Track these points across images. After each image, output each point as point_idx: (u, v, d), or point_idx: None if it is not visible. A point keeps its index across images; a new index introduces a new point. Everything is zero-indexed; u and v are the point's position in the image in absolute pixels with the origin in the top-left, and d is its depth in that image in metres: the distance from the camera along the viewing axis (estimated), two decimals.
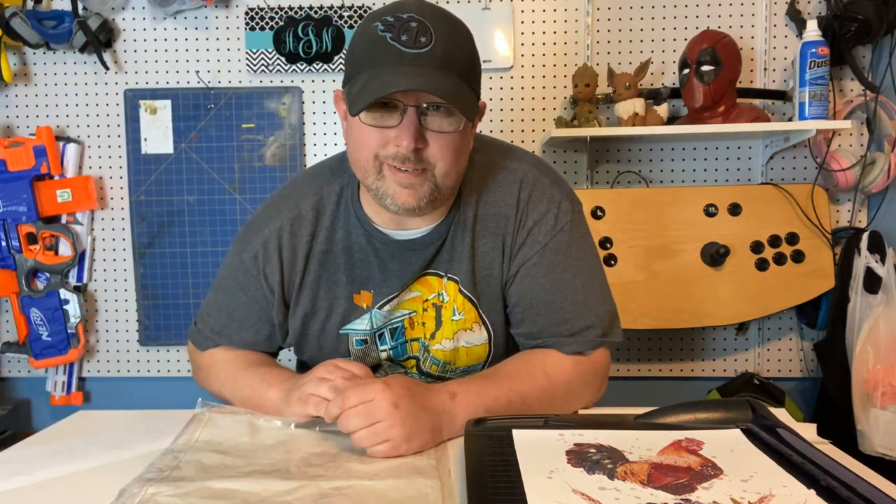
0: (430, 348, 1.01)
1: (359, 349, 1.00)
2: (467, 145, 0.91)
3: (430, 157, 0.85)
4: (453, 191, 0.94)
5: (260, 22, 1.91)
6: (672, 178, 1.93)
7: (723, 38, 1.71)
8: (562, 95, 1.93)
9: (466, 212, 0.97)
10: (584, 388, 0.96)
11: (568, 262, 0.97)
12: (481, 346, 1.01)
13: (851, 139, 1.89)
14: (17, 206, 1.86)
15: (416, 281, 0.98)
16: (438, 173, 0.86)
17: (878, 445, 1.61)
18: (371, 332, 0.99)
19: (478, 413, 0.84)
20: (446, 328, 0.99)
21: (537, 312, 0.97)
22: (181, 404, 0.96)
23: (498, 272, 0.98)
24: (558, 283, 0.96)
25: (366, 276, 0.97)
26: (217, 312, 1.04)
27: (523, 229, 0.97)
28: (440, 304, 0.99)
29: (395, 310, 0.99)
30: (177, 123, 1.93)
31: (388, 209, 0.90)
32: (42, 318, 1.91)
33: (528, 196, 0.97)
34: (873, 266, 1.70)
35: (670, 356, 1.96)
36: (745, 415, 0.79)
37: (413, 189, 0.86)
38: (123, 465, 0.76)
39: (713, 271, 1.78)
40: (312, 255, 0.97)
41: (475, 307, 0.99)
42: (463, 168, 0.91)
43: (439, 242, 0.97)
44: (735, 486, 0.63)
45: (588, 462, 0.68)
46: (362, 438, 0.77)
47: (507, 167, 0.98)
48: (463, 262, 0.97)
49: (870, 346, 1.66)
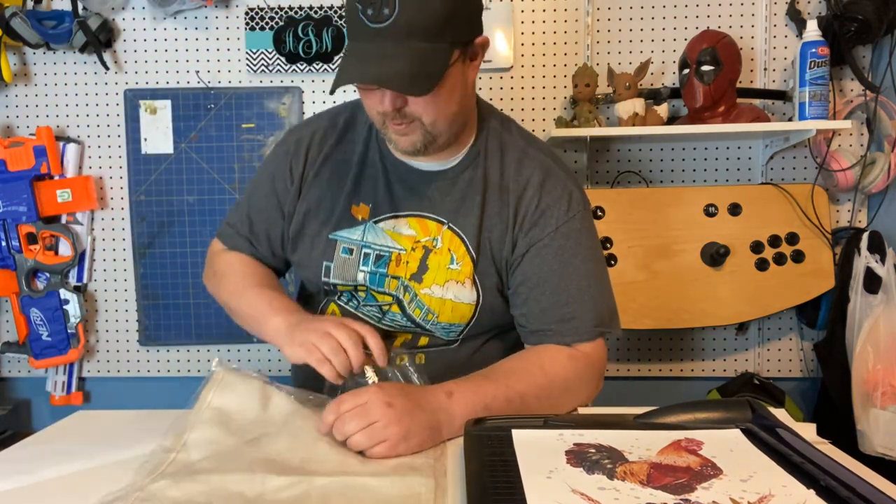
0: (418, 292, 1.01)
1: (343, 257, 1.03)
2: (458, 90, 0.94)
3: (413, 112, 0.92)
4: (455, 129, 0.98)
5: (260, 22, 1.91)
6: (672, 178, 1.93)
7: (723, 38, 1.71)
8: (562, 95, 1.93)
9: (480, 172, 1.02)
10: (581, 383, 0.97)
11: (577, 248, 1.00)
12: (468, 305, 1.02)
13: (851, 139, 1.89)
14: (17, 206, 1.86)
15: (415, 217, 1.02)
16: (426, 122, 0.93)
17: (878, 445, 1.61)
18: (359, 243, 1.02)
19: (476, 411, 0.85)
20: (439, 274, 1.01)
21: (542, 292, 0.99)
22: (181, 404, 0.96)
23: (498, 242, 1.01)
24: (566, 266, 0.99)
25: (369, 191, 1.03)
26: (244, 203, 1.14)
27: (537, 210, 1.00)
28: (431, 247, 1.01)
29: (387, 233, 1.02)
30: (177, 123, 1.93)
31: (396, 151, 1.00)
32: (42, 318, 1.91)
33: (542, 180, 1.01)
34: (873, 266, 1.70)
35: (670, 356, 1.96)
36: (745, 415, 0.79)
37: (407, 136, 0.94)
38: (123, 465, 0.76)
39: (713, 271, 1.78)
40: (331, 158, 1.06)
41: (473, 265, 1.01)
42: (455, 114, 0.95)
43: (445, 184, 1.02)
44: (734, 486, 0.63)
45: (587, 462, 0.68)
46: (359, 441, 0.78)
47: (527, 152, 1.04)
48: (469, 218, 1.00)
49: (870, 346, 1.66)
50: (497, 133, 1.05)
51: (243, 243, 1.12)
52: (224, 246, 1.15)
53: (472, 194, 1.01)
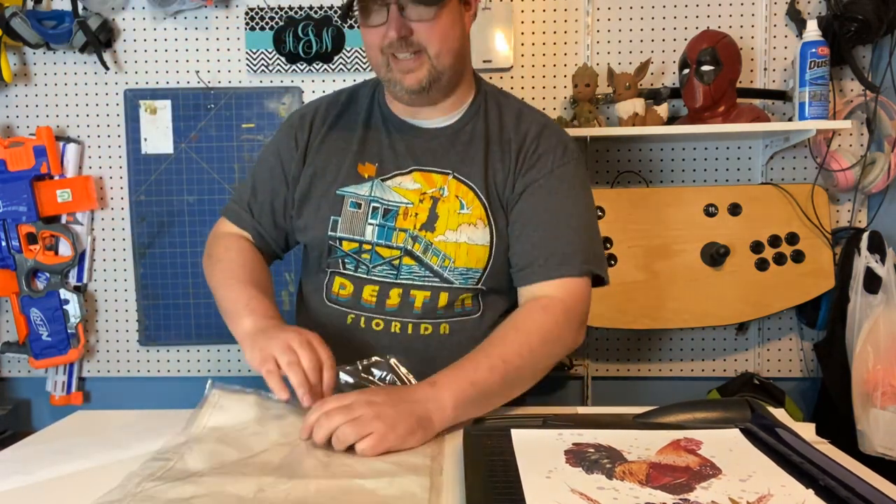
0: (432, 240, 1.04)
1: (351, 211, 1.06)
2: (458, 27, 1.02)
3: (419, 42, 0.98)
4: (456, 70, 1.04)
5: (260, 22, 1.91)
6: (672, 178, 1.93)
7: (723, 38, 1.71)
8: (562, 95, 1.93)
9: (480, 126, 1.08)
10: (559, 330, 0.98)
11: (570, 192, 1.05)
12: (482, 247, 1.04)
13: (851, 139, 1.89)
14: (17, 206, 1.86)
15: (420, 171, 1.06)
16: (432, 54, 0.99)
17: (878, 445, 1.61)
18: (367, 198, 1.06)
19: (464, 390, 0.85)
20: (451, 219, 1.04)
21: (534, 228, 1.02)
22: (181, 404, 0.96)
23: (502, 184, 1.06)
24: (558, 205, 1.04)
25: (374, 151, 1.08)
26: (249, 179, 1.18)
27: (534, 154, 1.06)
28: (438, 197, 1.05)
29: (394, 189, 1.06)
30: (177, 123, 1.93)
31: (400, 99, 1.05)
32: (42, 318, 1.91)
33: (540, 131, 1.08)
34: (873, 266, 1.70)
35: (670, 356, 1.96)
36: (744, 414, 0.79)
37: (413, 73, 1.00)
38: (123, 465, 0.76)
39: (713, 271, 1.78)
40: (336, 126, 1.12)
41: (484, 207, 1.05)
42: (456, 50, 1.02)
43: (448, 140, 1.07)
44: (733, 485, 0.63)
45: (587, 462, 0.68)
46: (346, 433, 0.77)
47: (524, 109, 1.12)
48: (474, 167, 1.05)
49: (870, 346, 1.66)
50: (494, 93, 1.14)
51: (246, 216, 1.15)
52: (228, 223, 1.17)
53: (474, 146, 1.07)
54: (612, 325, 1.80)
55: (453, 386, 0.86)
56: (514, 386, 0.94)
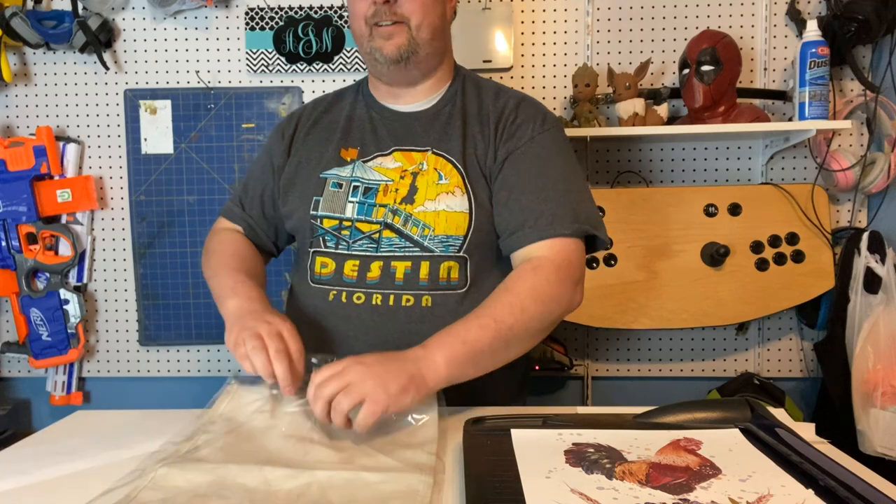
0: (412, 212, 1.05)
1: (332, 191, 1.10)
2: (440, 6, 1.07)
3: (402, 11, 1.03)
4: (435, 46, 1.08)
5: (260, 22, 1.91)
6: (672, 178, 1.93)
7: (723, 38, 1.71)
8: (562, 95, 1.93)
9: (459, 107, 1.11)
10: (551, 288, 0.97)
11: (554, 157, 1.07)
12: (461, 213, 1.05)
13: (851, 139, 1.89)
14: (17, 206, 1.86)
15: (400, 151, 1.09)
16: (413, 25, 1.04)
17: (878, 445, 1.61)
18: (348, 179, 1.09)
19: (455, 349, 0.86)
20: (429, 191, 1.06)
21: (521, 192, 1.03)
22: (181, 404, 0.96)
23: (483, 155, 1.08)
24: (543, 170, 1.05)
25: (357, 137, 1.13)
26: (243, 178, 1.26)
27: (513, 124, 1.08)
28: (418, 171, 1.07)
29: (375, 169, 1.09)
30: (177, 123, 1.93)
31: (381, 72, 1.09)
32: (42, 318, 1.91)
33: (518, 103, 1.11)
34: (873, 266, 1.70)
35: (670, 356, 1.96)
36: (744, 414, 0.79)
37: (393, 39, 1.04)
38: (123, 465, 0.76)
39: (713, 271, 1.78)
40: (321, 121, 1.17)
41: (461, 175, 1.06)
42: (437, 26, 1.07)
43: (427, 121, 1.11)
44: (733, 485, 0.63)
45: (586, 462, 0.68)
46: (340, 402, 0.78)
47: (502, 87, 1.15)
48: (452, 142, 1.08)
49: (870, 346, 1.66)
50: (472, 77, 1.17)
51: (237, 210, 1.21)
52: (224, 220, 1.24)
53: (453, 124, 1.10)
54: (612, 325, 1.80)
55: (444, 345, 0.86)
56: (508, 345, 0.93)
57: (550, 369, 1.85)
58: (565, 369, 1.87)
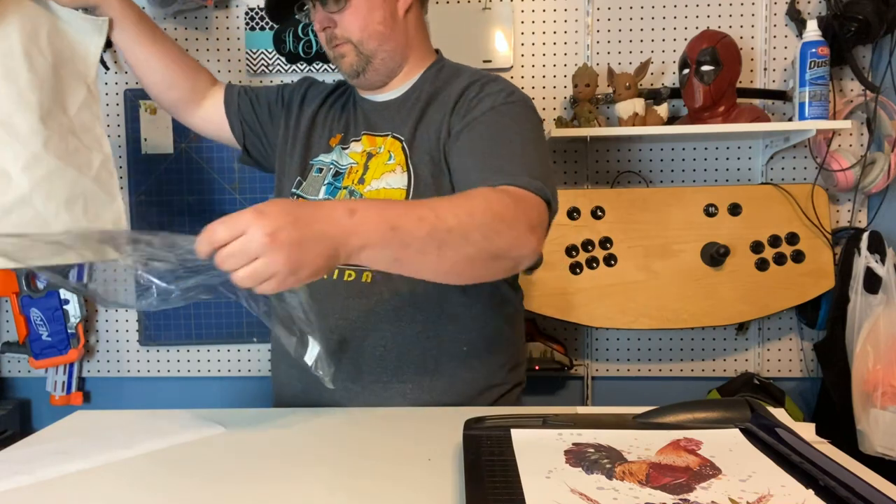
0: (362, 192, 1.09)
1: (314, 175, 1.17)
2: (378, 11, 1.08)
3: (342, 34, 1.08)
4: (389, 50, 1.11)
5: (260, 22, 1.91)
6: (672, 178, 1.93)
7: (723, 38, 1.71)
8: (562, 95, 1.93)
9: (425, 92, 1.13)
10: (509, 211, 0.87)
11: (513, 125, 1.02)
12: (398, 189, 1.06)
13: (851, 139, 1.89)
14: None
15: (367, 135, 1.15)
16: (355, 41, 1.09)
17: (878, 445, 1.61)
18: (329, 164, 1.16)
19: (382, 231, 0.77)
20: (377, 170, 1.10)
21: (474, 154, 1.00)
22: (181, 404, 0.96)
23: (436, 132, 1.08)
24: (499, 135, 1.01)
25: (343, 125, 1.20)
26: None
27: (474, 99, 1.06)
28: (374, 153, 1.13)
29: (348, 154, 1.15)
30: (177, 123, 1.91)
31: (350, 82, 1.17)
32: (42, 318, 1.91)
33: (486, 82, 1.09)
34: (873, 266, 1.70)
35: (670, 356, 1.96)
36: (744, 414, 0.79)
37: (345, 59, 1.11)
38: (123, 465, 0.76)
39: (713, 271, 1.78)
40: (325, 102, 1.25)
41: (405, 155, 1.08)
42: (382, 33, 1.09)
43: (394, 108, 1.15)
44: (733, 485, 0.63)
45: (586, 462, 0.68)
46: (243, 279, 0.71)
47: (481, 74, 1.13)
48: (408, 123, 1.11)
49: (870, 346, 1.66)
50: (453, 66, 1.18)
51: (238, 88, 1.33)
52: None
53: (417, 107, 1.12)
54: (612, 325, 1.80)
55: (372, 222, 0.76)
56: (441, 247, 0.81)
57: (550, 369, 1.86)
58: (565, 369, 1.88)
